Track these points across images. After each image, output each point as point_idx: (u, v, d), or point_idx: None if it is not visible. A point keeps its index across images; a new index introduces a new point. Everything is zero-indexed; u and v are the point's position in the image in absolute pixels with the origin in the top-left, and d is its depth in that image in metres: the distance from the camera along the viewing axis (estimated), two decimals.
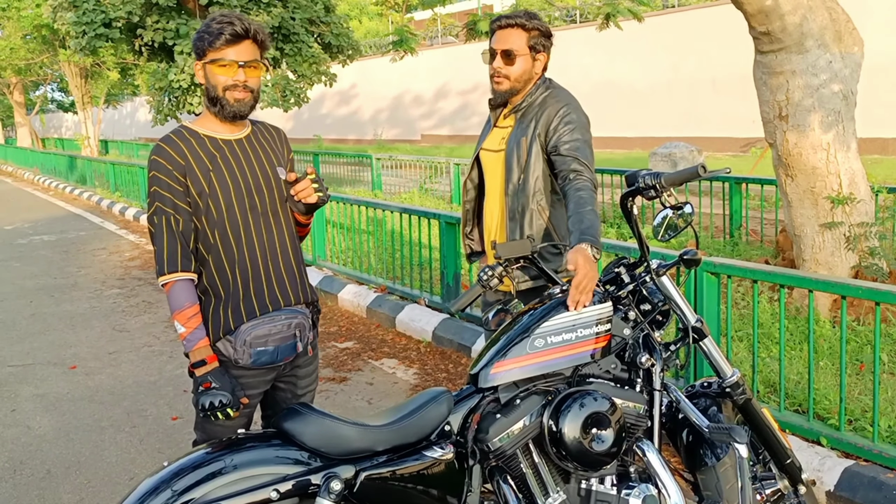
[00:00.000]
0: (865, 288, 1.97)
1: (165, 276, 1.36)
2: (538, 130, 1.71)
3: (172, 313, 1.35)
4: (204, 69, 1.38)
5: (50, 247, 6.74)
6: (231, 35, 1.35)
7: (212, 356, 1.34)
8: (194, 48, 1.38)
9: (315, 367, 1.53)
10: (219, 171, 1.38)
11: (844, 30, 3.16)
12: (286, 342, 1.40)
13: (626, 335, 1.43)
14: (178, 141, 1.38)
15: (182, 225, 1.37)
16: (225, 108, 1.38)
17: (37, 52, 17.03)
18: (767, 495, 1.52)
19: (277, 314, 1.39)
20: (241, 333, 1.36)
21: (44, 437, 2.62)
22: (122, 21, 8.60)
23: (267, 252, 1.41)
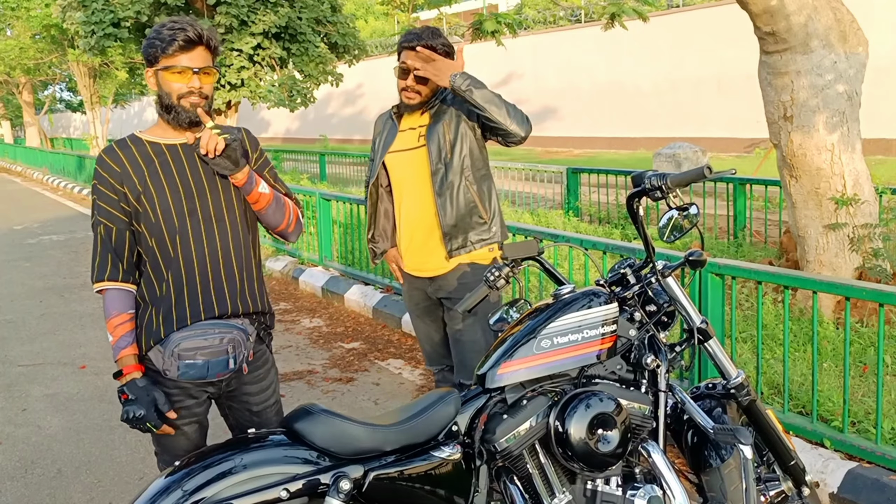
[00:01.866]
0: (869, 289, 1.98)
1: (95, 283, 1.38)
2: (461, 114, 1.88)
3: (105, 320, 1.37)
4: (156, 76, 1.36)
5: (59, 247, 6.80)
6: (184, 41, 1.33)
7: (130, 367, 1.32)
8: (144, 55, 1.37)
9: (270, 382, 1.47)
10: (155, 176, 1.36)
11: (849, 30, 3.15)
12: (217, 357, 1.32)
13: (632, 336, 1.44)
14: (117, 150, 1.39)
15: (115, 234, 1.37)
16: (180, 115, 1.36)
17: (46, 51, 17.16)
18: (771, 497, 1.53)
19: (211, 327, 1.33)
20: (169, 343, 1.32)
21: (54, 436, 2.65)
22: (130, 21, 8.66)
23: (206, 258, 1.37)
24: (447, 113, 1.89)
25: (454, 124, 1.87)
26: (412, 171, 1.93)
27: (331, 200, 4.88)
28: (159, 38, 1.35)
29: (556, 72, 15.35)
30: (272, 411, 1.50)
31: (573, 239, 2.97)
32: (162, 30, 1.36)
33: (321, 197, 4.93)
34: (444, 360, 2.05)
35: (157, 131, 1.42)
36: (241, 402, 1.46)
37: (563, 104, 15.10)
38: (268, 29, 8.93)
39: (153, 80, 1.38)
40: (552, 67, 15.41)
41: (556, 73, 15.36)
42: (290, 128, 23.06)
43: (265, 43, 9.07)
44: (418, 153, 1.91)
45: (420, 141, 1.90)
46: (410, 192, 1.94)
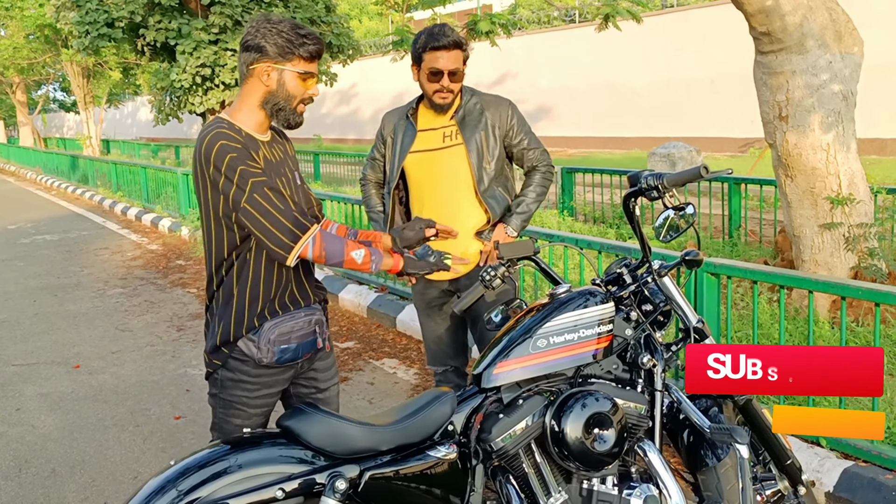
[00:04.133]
0: (865, 289, 1.98)
1: (302, 239, 1.28)
2: (492, 124, 1.96)
3: (343, 257, 1.32)
4: (280, 74, 1.34)
5: (53, 246, 6.76)
6: (317, 52, 1.37)
7: (397, 258, 1.42)
8: (274, 48, 1.32)
9: (333, 362, 1.54)
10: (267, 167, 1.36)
11: (844, 30, 3.16)
12: (307, 338, 1.40)
13: (628, 336, 1.44)
14: (233, 133, 1.34)
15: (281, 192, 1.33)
16: (290, 118, 1.38)
17: (39, 51, 17.04)
18: (768, 496, 1.53)
19: (298, 311, 1.40)
20: (264, 332, 1.35)
21: (48, 436, 2.64)
22: (124, 21, 8.62)
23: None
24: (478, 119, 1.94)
25: (490, 136, 1.94)
26: (442, 171, 1.94)
27: (325, 200, 4.87)
28: (297, 38, 1.34)
29: (551, 72, 15.37)
30: (335, 391, 1.53)
31: (568, 238, 2.98)
32: (298, 31, 1.35)
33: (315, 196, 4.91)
34: (448, 360, 2.05)
35: (247, 123, 1.38)
36: (309, 380, 1.48)
37: (557, 104, 15.12)
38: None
39: (274, 77, 1.34)
40: (547, 67, 15.43)
41: (550, 73, 15.38)
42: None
43: None
44: (451, 152, 1.93)
45: (448, 141, 1.93)
46: (438, 190, 1.95)
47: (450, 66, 1.84)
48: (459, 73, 1.87)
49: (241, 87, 1.39)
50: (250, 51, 1.35)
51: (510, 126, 1.95)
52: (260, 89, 1.36)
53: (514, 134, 1.96)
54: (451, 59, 1.84)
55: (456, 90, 1.89)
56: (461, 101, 1.93)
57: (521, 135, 1.97)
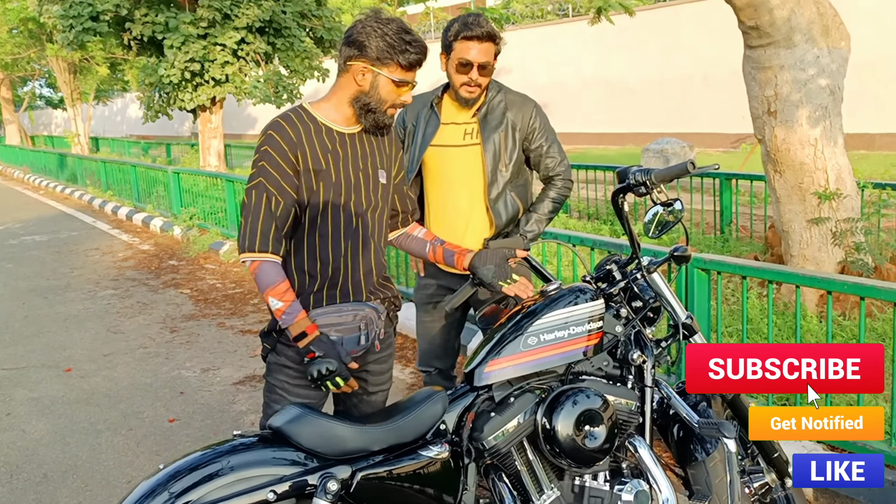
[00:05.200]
0: (851, 283, 2.01)
1: (255, 253, 1.31)
2: (513, 125, 1.89)
3: (265, 290, 1.31)
4: (375, 77, 1.34)
5: (42, 247, 6.69)
6: (418, 61, 1.35)
7: (311, 326, 1.31)
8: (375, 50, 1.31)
9: (389, 367, 1.50)
10: (335, 159, 1.36)
11: (832, 24, 3.18)
12: (351, 334, 1.36)
13: (618, 332, 1.45)
14: (297, 122, 1.35)
15: (282, 208, 1.32)
16: (378, 120, 1.37)
17: (23, 46, 16.79)
18: (755, 489, 1.55)
19: (345, 304, 1.37)
20: None
21: (39, 440, 2.62)
22: (109, 14, 8.49)
23: (359, 248, 1.40)
24: (499, 120, 1.88)
25: (510, 137, 1.89)
26: (459, 169, 1.91)
27: None
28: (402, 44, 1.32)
29: (545, 67, 15.35)
30: (382, 397, 1.50)
31: (561, 235, 2.99)
32: (404, 36, 1.33)
33: None
34: (434, 361, 2.03)
35: (327, 113, 1.39)
36: (358, 381, 1.44)
37: (551, 100, 15.10)
38: (252, 23, 8.81)
39: (368, 78, 1.34)
40: (540, 63, 15.41)
41: (544, 69, 15.36)
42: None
43: (249, 38, 8.95)
44: (468, 152, 1.89)
45: (467, 140, 1.89)
46: (451, 189, 1.92)
47: (481, 58, 1.77)
48: (489, 67, 1.80)
49: (337, 77, 1.39)
50: (351, 46, 1.34)
51: (531, 129, 1.90)
52: (352, 86, 1.36)
53: (535, 137, 1.90)
54: (482, 51, 1.77)
55: (484, 84, 1.82)
56: (486, 98, 1.86)
57: (541, 140, 1.91)
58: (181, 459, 1.20)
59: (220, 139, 10.11)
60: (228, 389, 3.03)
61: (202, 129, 10.06)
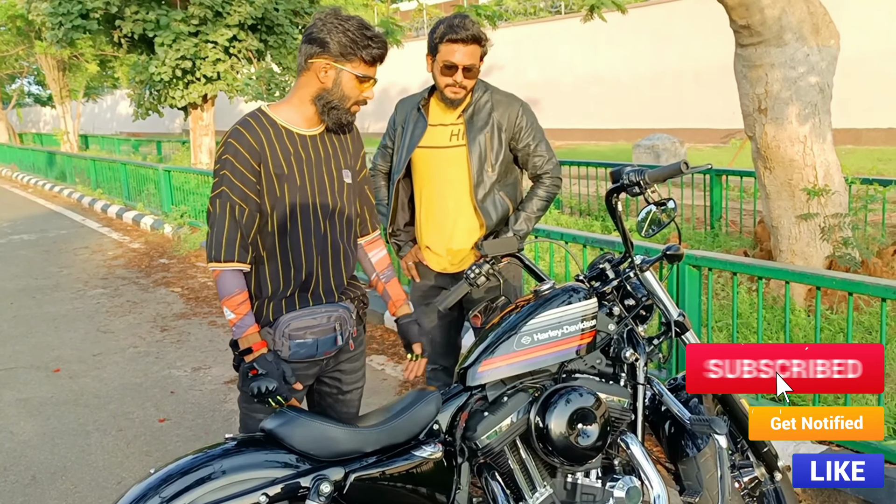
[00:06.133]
0: (839, 279, 2.03)
1: (221, 262, 1.31)
2: (498, 125, 1.90)
3: (222, 299, 1.32)
4: (338, 73, 1.32)
5: (30, 246, 6.61)
6: (381, 56, 1.34)
7: (259, 343, 1.31)
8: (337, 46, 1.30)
9: (361, 364, 1.51)
10: (297, 162, 1.35)
11: (821, 23, 3.21)
12: (326, 335, 1.36)
13: (611, 330, 1.46)
14: (257, 127, 1.34)
15: (247, 216, 1.32)
16: (341, 118, 1.36)
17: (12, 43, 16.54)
18: (745, 483, 1.57)
19: (318, 307, 1.37)
20: (280, 325, 1.34)
21: (28, 442, 2.59)
22: (99, 11, 8.38)
23: (329, 251, 1.39)
24: (485, 120, 1.89)
25: (495, 138, 1.88)
26: (447, 170, 1.91)
27: None
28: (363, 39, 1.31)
29: (537, 64, 15.36)
30: (357, 395, 1.50)
31: (553, 233, 2.99)
32: (364, 31, 1.32)
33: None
34: (437, 359, 2.04)
35: (287, 115, 1.37)
36: (333, 381, 1.45)
37: (543, 96, 15.13)
38: (244, 20, 8.74)
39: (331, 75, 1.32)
40: (533, 59, 15.41)
41: (536, 65, 15.37)
42: None
43: (241, 35, 8.88)
44: (454, 153, 1.90)
45: (453, 141, 1.90)
46: (438, 190, 1.93)
47: (465, 61, 1.79)
48: (475, 69, 1.81)
49: (297, 77, 1.37)
50: (312, 44, 1.33)
51: (518, 128, 1.89)
52: (314, 85, 1.34)
53: (522, 137, 1.90)
54: (467, 53, 1.79)
55: (469, 86, 1.84)
56: (472, 98, 1.87)
57: (528, 139, 1.90)
58: (172, 463, 1.20)
59: (212, 136, 10.04)
60: (220, 388, 3.01)
61: (193, 126, 9.97)
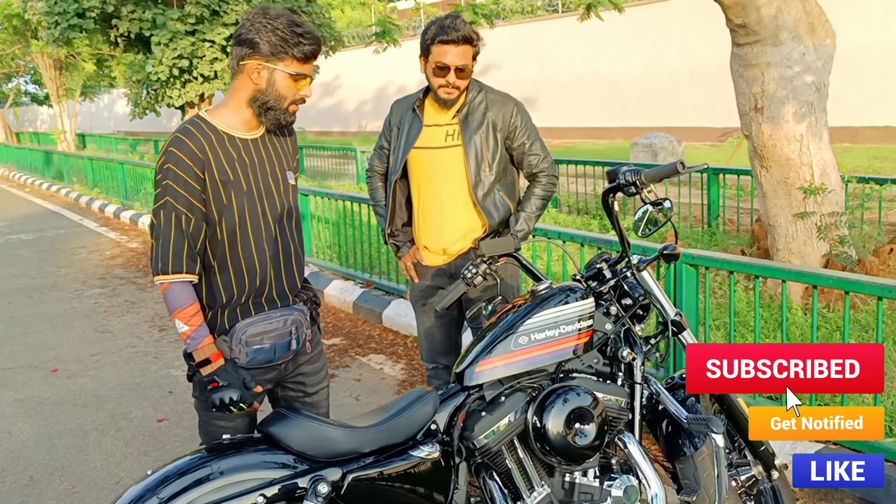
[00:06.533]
0: (835, 277, 2.04)
1: (169, 275, 1.28)
2: (493, 124, 1.91)
3: (172, 312, 1.29)
4: (271, 73, 1.30)
5: (28, 246, 6.59)
6: (313, 52, 1.31)
7: (216, 354, 1.30)
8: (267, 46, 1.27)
9: (323, 364, 1.50)
10: (242, 168, 1.33)
11: (817, 22, 3.21)
12: (283, 339, 1.36)
13: (608, 330, 1.46)
14: (198, 135, 1.31)
15: (193, 225, 1.30)
16: (280, 118, 1.34)
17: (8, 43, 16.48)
18: (742, 481, 1.57)
19: (273, 311, 1.37)
20: (236, 332, 1.33)
21: (26, 442, 2.59)
22: (95, 11, 8.37)
23: (280, 255, 1.39)
24: (480, 120, 1.89)
25: (491, 137, 1.89)
26: (443, 170, 1.91)
27: (308, 195, 4.82)
28: (294, 37, 1.28)
29: (534, 62, 15.35)
30: (324, 394, 1.50)
31: (551, 232, 3.00)
32: (294, 29, 1.29)
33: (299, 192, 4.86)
34: (438, 357, 2.05)
35: (226, 120, 1.35)
36: (296, 384, 1.45)
37: (541, 94, 15.13)
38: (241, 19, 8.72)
39: (264, 76, 1.29)
40: (530, 58, 15.40)
41: (534, 64, 15.36)
42: None
43: None
44: (450, 153, 1.90)
45: (449, 141, 1.90)
46: (436, 191, 1.93)
47: (457, 61, 1.79)
48: (467, 69, 1.82)
49: (231, 81, 1.35)
50: (242, 45, 1.30)
51: (512, 127, 1.90)
52: (249, 87, 1.32)
53: (516, 136, 1.90)
54: (459, 54, 1.79)
55: (462, 87, 1.84)
56: (466, 98, 1.88)
57: (522, 137, 1.91)
58: (170, 464, 1.20)
59: None
60: None
61: None
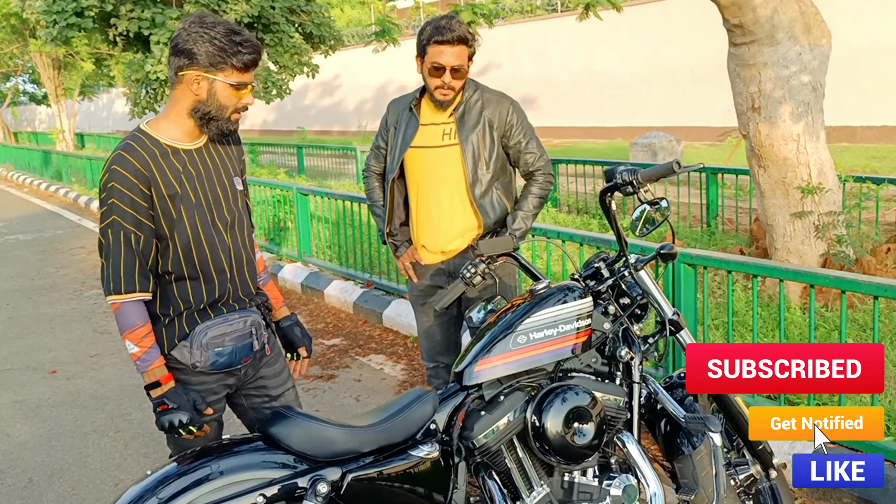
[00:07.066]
0: (833, 277, 2.05)
1: (121, 295, 1.28)
2: (490, 123, 1.92)
3: (123, 332, 1.29)
4: (211, 84, 1.27)
5: (26, 246, 6.58)
6: (253, 61, 1.29)
7: (166, 376, 1.29)
8: (205, 56, 1.25)
9: (283, 366, 1.49)
10: (189, 180, 1.33)
11: (813, 22, 3.22)
12: (243, 341, 1.36)
13: (607, 329, 1.47)
14: (141, 151, 1.29)
15: (143, 242, 1.28)
16: (223, 127, 1.32)
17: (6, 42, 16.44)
18: (741, 480, 1.58)
19: (231, 314, 1.37)
20: (196, 336, 1.32)
21: (24, 444, 2.58)
22: (94, 10, 8.34)
23: (232, 262, 1.38)
24: (476, 119, 1.90)
25: (487, 136, 1.90)
26: (441, 169, 1.92)
27: (308, 195, 4.82)
28: (232, 46, 1.26)
29: (534, 62, 15.36)
30: (291, 395, 1.50)
31: (550, 232, 3.00)
32: (232, 37, 1.26)
33: (298, 191, 4.86)
34: (438, 357, 2.06)
35: (167, 131, 1.33)
36: (258, 389, 1.44)
37: (540, 94, 15.14)
38: (240, 19, 8.71)
39: (203, 87, 1.27)
40: (529, 57, 15.41)
41: (533, 63, 15.37)
42: (266, 119, 22.63)
43: None
44: (447, 152, 1.91)
45: (446, 140, 1.91)
46: (434, 190, 1.93)
47: (453, 62, 1.80)
48: (463, 70, 1.83)
49: (171, 90, 1.32)
50: (180, 56, 1.27)
51: (508, 125, 1.91)
52: (188, 97, 1.29)
53: (513, 134, 1.92)
54: (455, 54, 1.80)
55: (458, 87, 1.85)
56: (462, 98, 1.89)
57: (519, 136, 1.92)
58: (169, 464, 1.20)
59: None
60: None
61: None
